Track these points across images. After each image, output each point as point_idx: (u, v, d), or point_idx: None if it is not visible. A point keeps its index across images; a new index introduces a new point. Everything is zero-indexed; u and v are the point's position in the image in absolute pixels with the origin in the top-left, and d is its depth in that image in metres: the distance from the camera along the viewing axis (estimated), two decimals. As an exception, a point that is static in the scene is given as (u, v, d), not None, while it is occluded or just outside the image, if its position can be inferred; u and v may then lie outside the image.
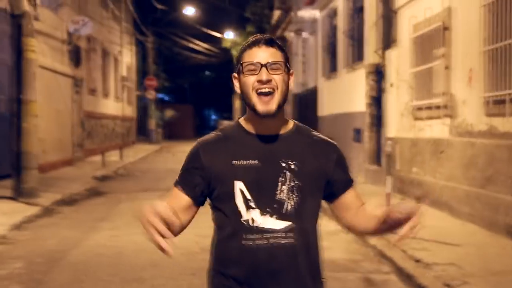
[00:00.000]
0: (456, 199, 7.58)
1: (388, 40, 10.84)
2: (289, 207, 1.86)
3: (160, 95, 37.29)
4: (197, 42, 34.18)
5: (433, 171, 8.44)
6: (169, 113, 38.09)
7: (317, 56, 17.35)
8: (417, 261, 5.48)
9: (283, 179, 1.87)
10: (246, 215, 1.86)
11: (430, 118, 8.60)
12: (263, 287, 1.86)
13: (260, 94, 1.85)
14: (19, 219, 8.04)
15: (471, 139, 7.21)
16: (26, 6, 9.21)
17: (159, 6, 27.96)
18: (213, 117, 58.33)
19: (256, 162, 1.88)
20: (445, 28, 8.04)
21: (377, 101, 11.49)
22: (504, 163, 6.35)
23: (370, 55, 11.74)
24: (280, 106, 1.87)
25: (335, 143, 2.03)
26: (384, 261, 5.84)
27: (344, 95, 13.78)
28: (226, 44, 31.91)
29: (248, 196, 1.86)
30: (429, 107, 8.63)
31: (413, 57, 9.27)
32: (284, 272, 1.86)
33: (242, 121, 1.97)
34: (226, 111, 48.35)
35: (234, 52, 32.12)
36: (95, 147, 19.55)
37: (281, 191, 1.87)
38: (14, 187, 9.70)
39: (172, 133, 37.37)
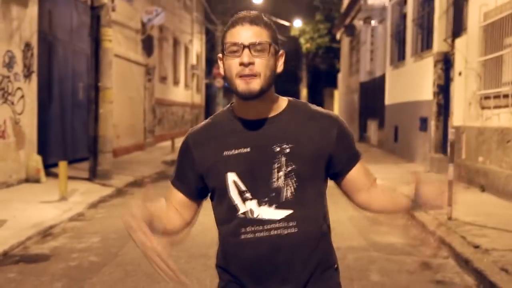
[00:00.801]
0: (521, 189, 7.52)
1: (457, 28, 10.73)
2: (288, 194, 1.75)
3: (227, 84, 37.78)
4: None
5: (499, 160, 8.36)
6: (236, 101, 38.62)
7: (385, 44, 17.25)
8: (476, 247, 5.54)
9: (278, 165, 1.75)
10: (243, 207, 1.77)
11: (498, 107, 8.51)
12: (268, 281, 1.77)
13: (242, 77, 1.71)
14: (95, 199, 8.58)
15: (538, 128, 7.12)
16: (104, -1, 9.74)
17: (229, -4, 28.35)
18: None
19: (248, 149, 1.77)
20: (515, 16, 7.93)
21: (444, 90, 11.40)
22: None
23: (439, 43, 11.64)
24: (264, 89, 1.73)
25: (337, 116, 1.87)
26: (443, 246, 5.92)
27: (411, 84, 13.69)
28: (295, 33, 32.00)
29: (243, 187, 1.77)
30: (497, 96, 8.54)
31: (483, 45, 9.16)
32: (290, 264, 1.76)
33: (233, 107, 1.85)
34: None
35: (302, 41, 32.23)
36: (165, 133, 20.23)
37: (278, 178, 1.75)
38: (91, 169, 10.31)
39: (239, 120, 37.83)
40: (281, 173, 1.75)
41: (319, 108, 1.87)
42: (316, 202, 1.81)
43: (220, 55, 1.78)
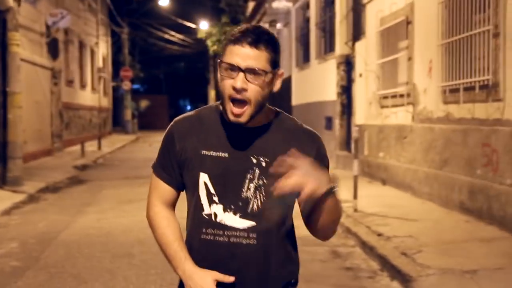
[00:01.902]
0: (417, 181, 8.23)
1: (357, 32, 11.44)
2: (254, 206, 1.77)
3: (136, 86, 37.59)
4: (172, 32, 34.50)
5: (397, 155, 9.07)
6: (144, 103, 38.37)
7: (290, 47, 17.89)
8: (379, 235, 6.08)
9: (251, 176, 1.77)
10: (208, 209, 1.80)
11: (395, 106, 9.22)
12: (222, 285, 1.80)
13: (233, 101, 1.73)
14: (8, 205, 8.46)
15: (431, 125, 7.84)
16: (10, 2, 9.59)
17: (134, -3, 28.20)
18: (188, 107, 58.62)
19: (226, 155, 1.79)
20: (408, 22, 8.66)
21: (347, 90, 12.10)
22: (459, 146, 6.99)
23: (341, 46, 12.32)
24: (253, 116, 1.75)
25: (318, 136, 1.89)
26: (350, 236, 6.44)
27: (316, 85, 14.36)
28: (201, 35, 32.23)
29: (212, 190, 1.79)
30: (394, 96, 9.24)
31: (380, 49, 9.87)
32: (244, 272, 1.79)
33: (221, 106, 1.84)
34: (201, 101, 48.73)
35: (209, 43, 32.50)
36: (73, 138, 19.87)
37: (248, 189, 1.77)
38: (0, 175, 10.09)
39: (147, 123, 37.63)
40: (252, 185, 1.76)
41: (303, 126, 1.88)
42: (281, 218, 1.82)
43: (219, 60, 1.76)
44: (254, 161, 1.77)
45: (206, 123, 1.85)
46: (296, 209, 1.86)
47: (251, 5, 25.08)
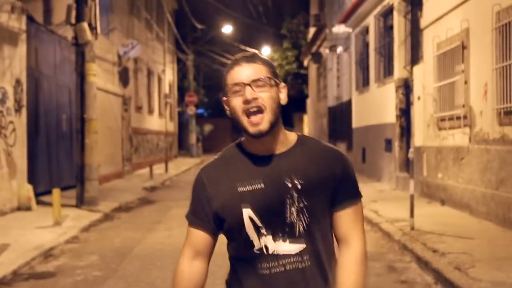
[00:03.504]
0: (474, 200, 8.40)
1: (415, 56, 11.72)
2: (300, 228, 1.80)
3: (200, 111, 38.68)
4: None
5: (455, 176, 9.26)
6: (208, 127, 39.43)
7: (350, 71, 18.24)
8: (435, 251, 6.34)
9: (290, 200, 1.79)
10: (258, 243, 1.80)
11: (452, 128, 9.43)
12: None
13: (249, 114, 1.78)
14: (86, 223, 9.17)
15: (487, 146, 8.03)
16: (89, 36, 10.45)
17: (199, 26, 29.26)
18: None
19: (262, 185, 1.80)
20: (464, 47, 8.90)
21: (405, 113, 12.34)
22: (514, 167, 7.17)
23: (399, 70, 12.60)
24: (273, 124, 1.79)
25: (342, 153, 1.92)
26: (406, 252, 6.72)
27: (375, 108, 14.64)
28: (263, 60, 32.95)
29: (259, 223, 1.80)
30: (451, 118, 9.46)
31: (437, 72, 10.12)
32: None
33: (243, 142, 1.90)
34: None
35: (271, 68, 33.18)
36: (141, 161, 20.82)
37: (291, 213, 1.79)
38: (78, 196, 10.88)
39: (211, 146, 38.46)
40: (293, 209, 1.79)
41: (327, 145, 1.92)
42: (325, 236, 1.85)
43: (224, 98, 1.84)
44: (290, 185, 1.80)
45: (233, 162, 1.87)
46: None
47: (312, 31, 25.62)
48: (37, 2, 13.68)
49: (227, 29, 32.74)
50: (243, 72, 1.79)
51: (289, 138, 1.88)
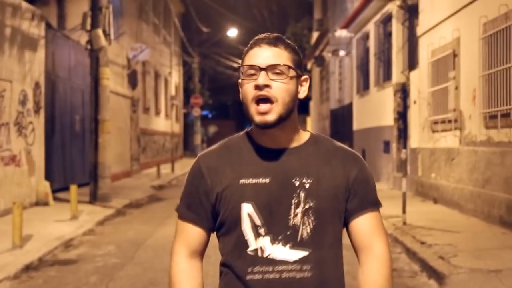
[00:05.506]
0: (463, 198, 9.01)
1: (412, 62, 12.33)
2: (304, 233, 1.61)
3: (204, 112, 39.40)
4: (239, 61, 36.03)
5: (447, 176, 9.86)
6: (212, 129, 40.17)
7: (352, 75, 18.84)
8: (422, 243, 6.95)
9: (296, 200, 1.61)
10: (253, 244, 1.61)
11: (445, 130, 10.04)
12: None
13: (258, 101, 1.60)
14: (100, 218, 9.81)
15: (475, 147, 8.64)
16: (103, 42, 11.10)
17: (205, 29, 29.93)
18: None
19: (267, 180, 1.62)
20: (455, 55, 9.51)
21: (403, 116, 12.95)
22: (498, 167, 7.78)
23: (397, 75, 13.22)
24: (283, 117, 1.61)
25: (359, 156, 1.74)
26: (397, 244, 7.33)
27: (375, 111, 15.25)
28: (267, 63, 33.60)
29: (258, 221, 1.61)
30: (443, 121, 10.07)
31: (431, 78, 10.73)
32: None
33: (252, 131, 1.71)
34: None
35: (275, 71, 33.84)
36: (148, 161, 21.49)
37: (295, 215, 1.60)
38: (91, 192, 11.53)
39: (216, 148, 39.14)
40: (298, 210, 1.61)
41: (342, 145, 1.75)
42: (334, 244, 1.67)
43: (239, 80, 1.67)
44: (297, 183, 1.62)
45: (237, 151, 1.69)
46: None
47: (315, 35, 26.23)
48: (51, 8, 14.36)
49: (232, 32, 33.41)
50: (261, 55, 1.62)
51: (301, 135, 1.71)
